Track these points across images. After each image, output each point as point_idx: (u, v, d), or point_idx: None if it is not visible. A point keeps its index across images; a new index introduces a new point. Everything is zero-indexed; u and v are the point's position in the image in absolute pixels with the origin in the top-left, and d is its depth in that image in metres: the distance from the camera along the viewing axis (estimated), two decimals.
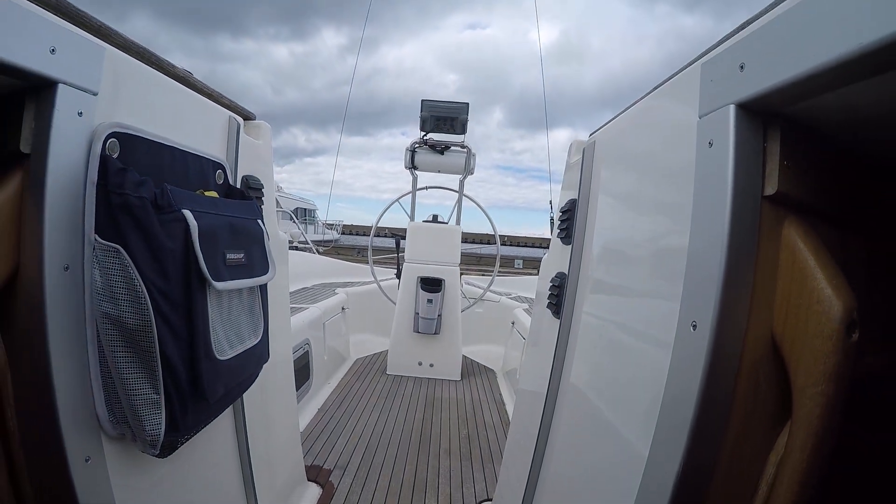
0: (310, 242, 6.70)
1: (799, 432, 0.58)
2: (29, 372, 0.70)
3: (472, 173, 4.06)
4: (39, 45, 0.66)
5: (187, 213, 0.80)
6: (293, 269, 4.80)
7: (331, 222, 20.28)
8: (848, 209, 0.70)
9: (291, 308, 3.24)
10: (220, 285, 0.84)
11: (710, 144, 0.62)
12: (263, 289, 1.07)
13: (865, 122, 0.60)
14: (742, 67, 0.58)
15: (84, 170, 0.73)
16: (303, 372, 2.96)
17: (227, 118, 1.19)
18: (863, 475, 0.77)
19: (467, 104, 3.59)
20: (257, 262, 1.00)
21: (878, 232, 0.76)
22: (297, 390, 2.77)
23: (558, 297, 1.20)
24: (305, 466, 2.07)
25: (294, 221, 10.41)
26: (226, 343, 0.87)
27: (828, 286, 0.56)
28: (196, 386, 0.80)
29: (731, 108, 0.59)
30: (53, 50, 0.68)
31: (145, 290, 0.71)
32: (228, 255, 0.89)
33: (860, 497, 0.78)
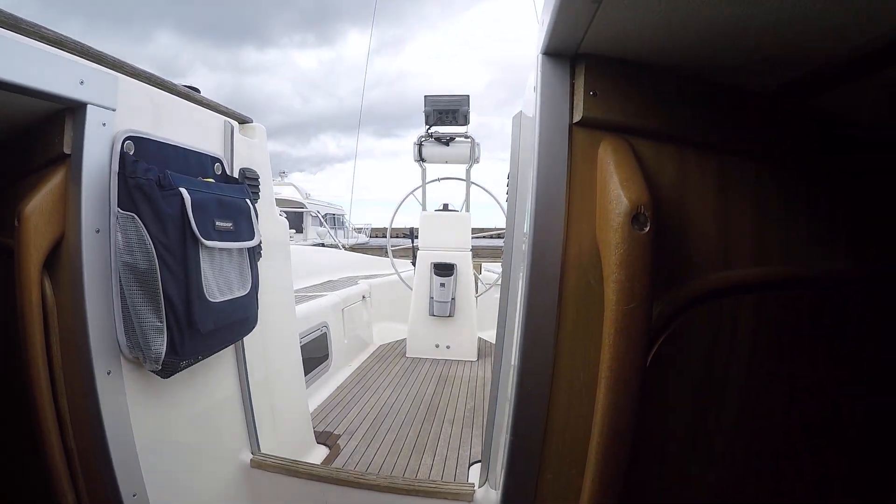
0: (337, 241, 7.06)
1: (606, 322, 0.70)
2: (70, 308, 0.99)
3: (477, 162, 4.25)
4: (73, 79, 0.96)
5: (183, 191, 1.07)
6: (320, 264, 5.10)
7: (359, 226, 20.72)
8: (687, 128, 0.77)
9: (313, 296, 3.53)
10: (209, 243, 1.11)
11: (534, 90, 0.77)
12: (252, 252, 1.33)
13: (672, 42, 0.68)
14: (543, 23, 0.72)
15: (108, 163, 1.02)
16: (321, 352, 3.23)
17: (222, 122, 1.46)
18: None
19: (468, 96, 3.79)
20: (244, 230, 1.26)
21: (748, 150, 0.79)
22: (315, 368, 3.05)
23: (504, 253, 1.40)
24: (316, 433, 2.32)
25: (323, 225, 10.97)
26: (216, 290, 1.14)
27: (618, 186, 0.66)
28: (190, 319, 1.06)
29: (540, 56, 0.75)
30: (82, 82, 0.98)
31: (151, 244, 0.99)
32: (217, 223, 1.15)
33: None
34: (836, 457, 0.87)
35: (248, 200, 1.31)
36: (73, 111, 0.99)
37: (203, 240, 1.08)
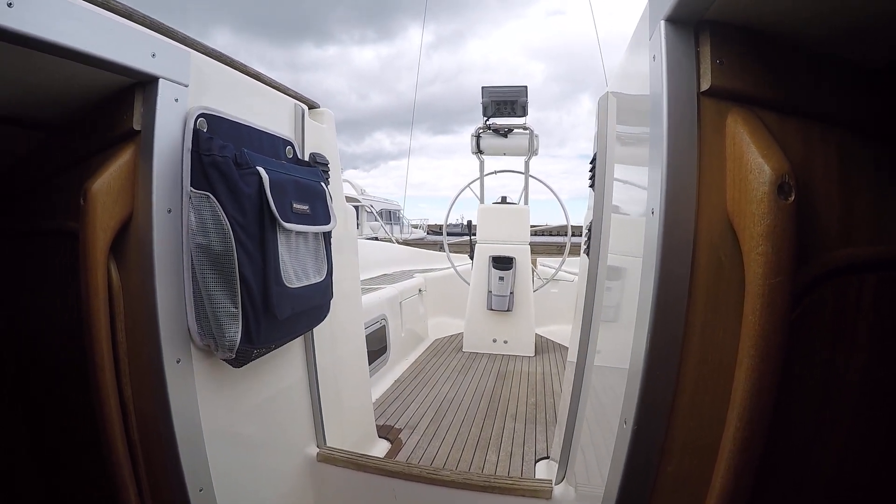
0: (390, 235, 7.11)
1: (749, 297, 0.65)
2: (137, 292, 0.95)
3: (536, 154, 4.11)
4: (144, 52, 0.91)
5: (261, 170, 1.02)
6: (375, 257, 5.12)
7: (416, 222, 21.04)
8: (809, 100, 0.74)
9: (371, 288, 3.53)
10: (287, 226, 1.05)
11: (654, 59, 0.73)
12: (327, 238, 1.28)
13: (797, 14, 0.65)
14: None
15: (181, 140, 0.97)
16: (380, 344, 3.21)
17: (292, 105, 1.42)
18: None
19: (525, 87, 3.66)
20: (320, 214, 1.21)
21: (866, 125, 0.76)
22: (374, 361, 3.03)
23: (589, 240, 1.29)
24: (377, 426, 2.28)
25: (378, 220, 11.28)
26: (293, 275, 1.09)
27: (759, 156, 0.63)
28: (267, 305, 1.01)
29: (662, 23, 0.70)
30: (154, 55, 0.93)
31: (228, 224, 0.93)
32: (295, 205, 1.10)
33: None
34: None
35: (322, 184, 1.26)
36: (143, 86, 0.95)
37: (282, 221, 1.03)
